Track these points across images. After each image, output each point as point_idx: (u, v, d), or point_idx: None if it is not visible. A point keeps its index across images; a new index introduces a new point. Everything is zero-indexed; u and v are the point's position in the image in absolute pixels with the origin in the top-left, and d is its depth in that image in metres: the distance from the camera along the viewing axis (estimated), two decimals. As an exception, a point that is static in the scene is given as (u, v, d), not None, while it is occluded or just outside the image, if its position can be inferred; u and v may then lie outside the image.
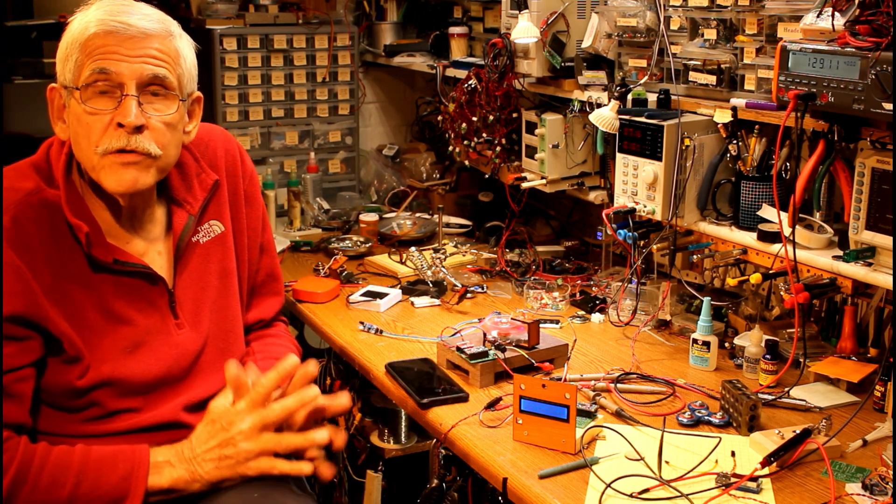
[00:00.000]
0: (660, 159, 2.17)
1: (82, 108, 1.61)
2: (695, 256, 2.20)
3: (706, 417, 1.85)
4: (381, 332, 2.35)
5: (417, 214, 3.33)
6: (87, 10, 1.66)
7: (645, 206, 2.24)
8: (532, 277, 2.71)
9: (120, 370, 1.67)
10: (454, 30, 3.15)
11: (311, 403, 1.68)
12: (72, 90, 1.62)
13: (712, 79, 2.13)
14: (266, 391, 1.65)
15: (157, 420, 1.71)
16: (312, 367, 1.71)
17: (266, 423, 1.63)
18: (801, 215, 1.94)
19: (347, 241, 3.04)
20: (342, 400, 1.75)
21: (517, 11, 2.51)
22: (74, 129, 1.64)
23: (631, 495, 1.58)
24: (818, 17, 1.80)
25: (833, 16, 1.74)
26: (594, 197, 2.67)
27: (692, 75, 2.18)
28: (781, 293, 2.10)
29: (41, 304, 1.59)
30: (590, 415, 1.87)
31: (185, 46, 1.72)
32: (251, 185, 1.96)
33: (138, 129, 1.61)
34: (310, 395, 1.68)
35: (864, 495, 1.57)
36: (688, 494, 1.57)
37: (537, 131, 2.62)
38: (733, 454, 1.70)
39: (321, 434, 1.68)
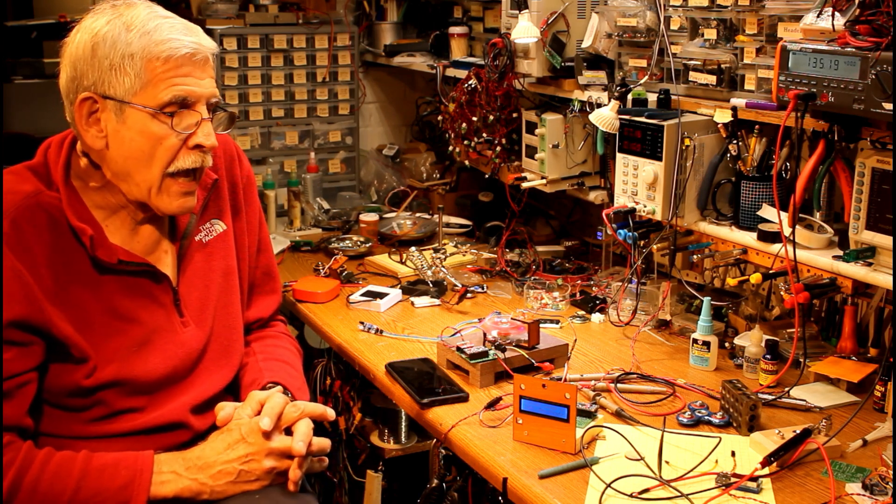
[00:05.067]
0: (660, 159, 2.17)
1: (165, 129, 1.61)
2: (695, 256, 2.20)
3: (706, 417, 1.85)
4: (381, 332, 2.35)
5: (417, 214, 3.33)
6: (131, 19, 1.61)
7: (645, 206, 2.24)
8: (532, 277, 2.71)
9: (126, 370, 1.68)
10: (454, 30, 3.15)
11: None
12: (128, 105, 1.60)
13: (712, 79, 2.13)
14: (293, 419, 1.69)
15: (162, 420, 1.71)
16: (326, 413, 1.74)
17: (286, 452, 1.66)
18: (801, 215, 1.94)
19: (347, 241, 3.04)
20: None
21: (517, 11, 2.51)
22: (136, 145, 1.61)
23: (631, 495, 1.58)
24: (818, 17, 1.80)
25: (833, 16, 1.74)
26: (594, 197, 2.67)
27: (692, 75, 2.18)
28: (781, 293, 2.10)
29: (43, 307, 1.58)
30: (590, 415, 1.87)
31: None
32: (249, 184, 1.97)
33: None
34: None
35: (864, 495, 1.57)
36: (688, 494, 1.57)
37: (537, 131, 2.62)
38: (733, 454, 1.70)
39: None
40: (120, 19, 1.61)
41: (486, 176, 2.90)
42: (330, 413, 1.73)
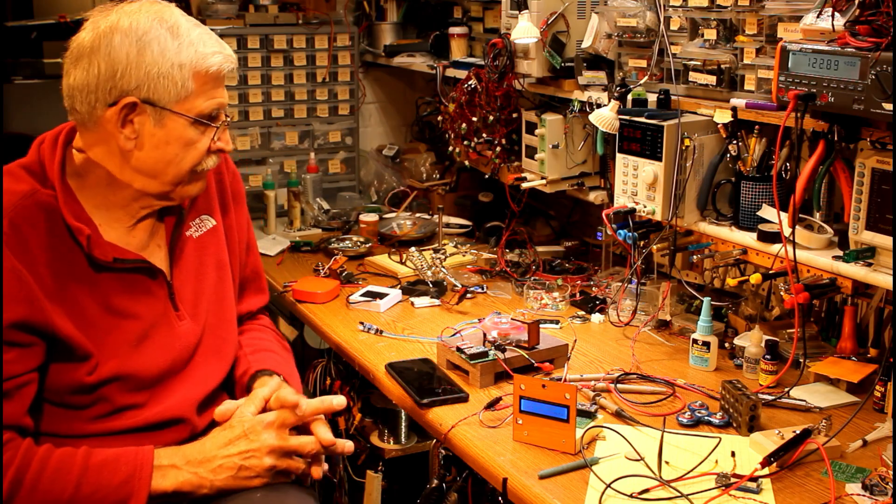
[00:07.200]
0: (660, 159, 2.17)
1: (199, 136, 1.68)
2: (695, 257, 2.20)
3: (706, 417, 1.85)
4: (381, 332, 2.35)
5: (417, 214, 3.33)
6: (174, 26, 1.65)
7: (645, 207, 2.24)
8: (532, 277, 2.71)
9: (127, 364, 1.68)
10: (454, 30, 3.15)
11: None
12: (169, 111, 1.63)
13: (712, 79, 2.13)
14: (305, 416, 1.70)
15: (162, 416, 1.72)
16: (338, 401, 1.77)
17: (289, 450, 1.68)
18: (801, 215, 1.94)
19: (347, 242, 3.04)
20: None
21: (517, 11, 2.51)
22: (171, 149, 1.66)
23: (631, 495, 1.58)
24: (818, 17, 1.80)
25: (833, 16, 1.74)
26: (594, 197, 2.67)
27: (692, 75, 2.18)
28: (781, 293, 2.10)
29: (44, 307, 1.58)
30: (590, 415, 1.87)
31: None
32: (235, 182, 1.99)
33: None
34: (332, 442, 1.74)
35: (864, 495, 1.57)
36: (688, 495, 1.57)
37: (537, 131, 2.62)
38: (733, 454, 1.70)
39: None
40: (163, 25, 1.63)
41: (486, 176, 2.90)
42: (337, 401, 1.75)
